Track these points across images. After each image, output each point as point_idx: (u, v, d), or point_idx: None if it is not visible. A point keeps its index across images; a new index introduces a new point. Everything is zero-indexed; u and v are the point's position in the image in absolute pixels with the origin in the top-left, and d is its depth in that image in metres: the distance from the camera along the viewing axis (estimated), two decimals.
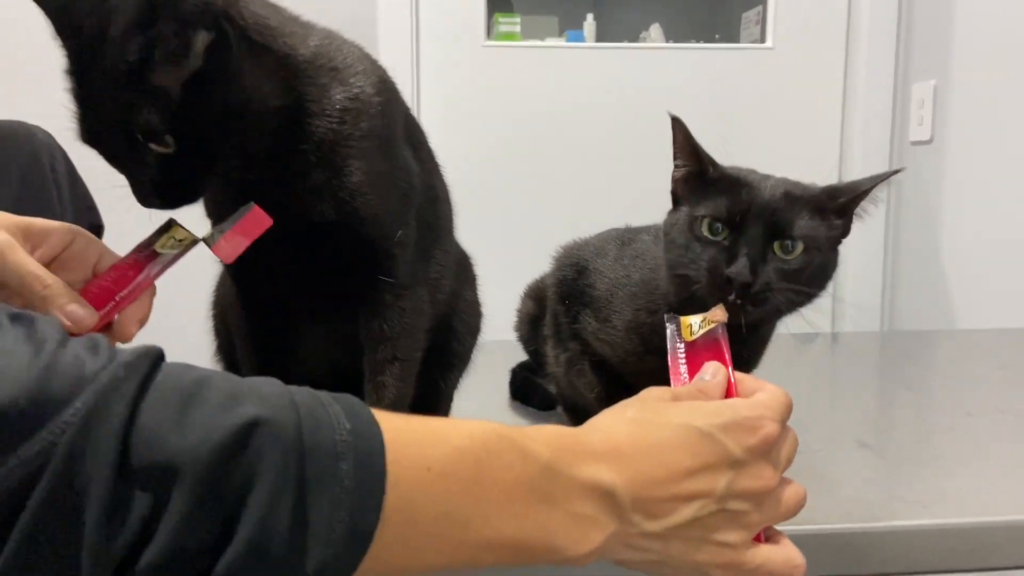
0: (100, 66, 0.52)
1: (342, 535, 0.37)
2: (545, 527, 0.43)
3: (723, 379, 0.56)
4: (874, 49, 2.16)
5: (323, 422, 0.38)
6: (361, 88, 0.64)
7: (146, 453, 0.34)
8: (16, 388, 0.33)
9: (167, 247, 0.61)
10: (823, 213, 0.67)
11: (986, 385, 1.08)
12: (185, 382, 0.37)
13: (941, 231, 2.01)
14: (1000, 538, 0.65)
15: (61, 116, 1.53)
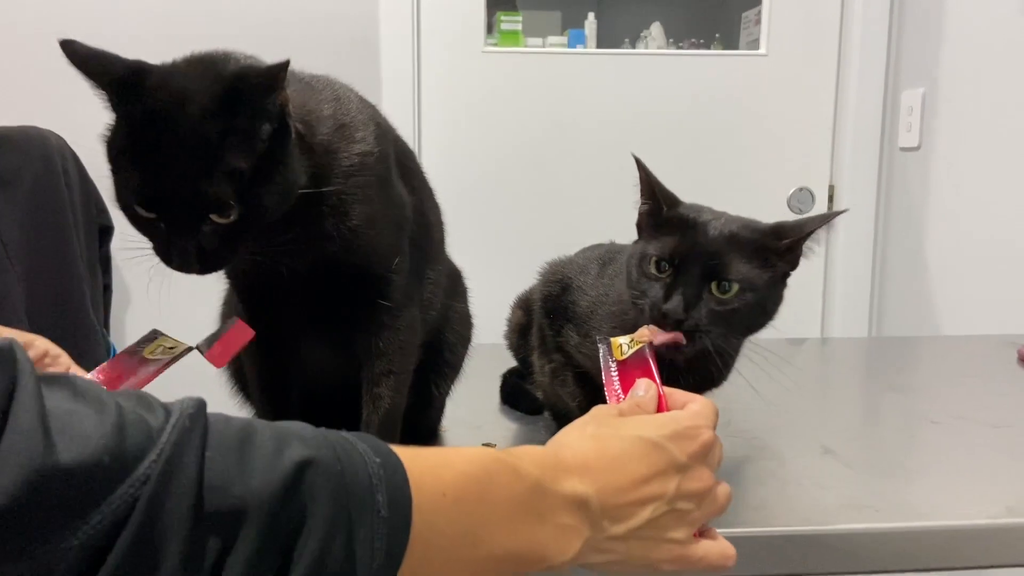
0: (175, 142, 0.57)
1: (380, 558, 0.41)
2: (537, 539, 0.49)
3: (654, 394, 0.63)
4: (865, 57, 2.20)
5: (356, 458, 0.43)
6: (364, 141, 0.70)
7: (216, 499, 0.37)
8: (98, 446, 0.35)
9: (156, 354, 0.66)
10: (765, 253, 0.72)
11: (953, 392, 1.14)
12: (234, 429, 0.41)
13: (927, 237, 2.07)
14: (944, 541, 0.71)
15: (71, 120, 1.60)
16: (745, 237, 0.72)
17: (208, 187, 0.57)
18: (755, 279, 0.71)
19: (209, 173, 0.57)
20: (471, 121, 2.20)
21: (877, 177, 2.26)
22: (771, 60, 2.27)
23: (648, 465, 0.54)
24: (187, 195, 0.58)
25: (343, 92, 0.74)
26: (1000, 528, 0.71)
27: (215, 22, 2.08)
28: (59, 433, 0.34)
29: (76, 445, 0.34)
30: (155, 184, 0.58)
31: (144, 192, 0.58)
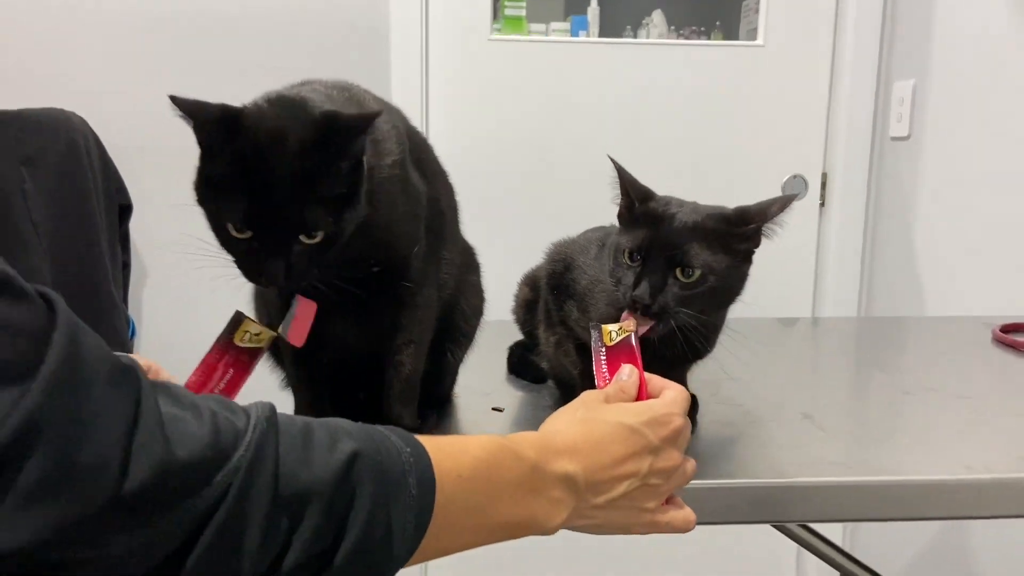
0: (276, 171, 0.65)
1: (411, 530, 0.52)
2: (532, 510, 0.61)
3: (636, 378, 0.74)
4: (859, 49, 2.27)
5: (391, 449, 0.53)
6: (391, 153, 0.78)
7: (288, 486, 0.46)
8: (201, 444, 0.44)
9: (245, 341, 0.74)
10: (727, 239, 0.80)
11: (929, 368, 1.23)
12: (297, 428, 0.50)
13: (915, 222, 2.15)
14: (904, 494, 0.80)
15: (92, 102, 1.68)
16: (707, 226, 0.80)
17: (303, 212, 0.66)
18: (716, 263, 0.79)
19: (304, 200, 0.66)
20: (478, 108, 2.28)
21: (868, 165, 2.33)
22: (768, 51, 2.34)
23: (626, 447, 0.65)
24: (283, 219, 0.66)
25: (367, 103, 0.81)
26: (958, 484, 0.80)
27: (227, 7, 2.14)
28: (172, 433, 0.43)
29: (187, 443, 0.43)
30: (255, 209, 0.66)
31: (245, 216, 0.66)
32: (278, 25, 2.16)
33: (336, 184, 0.67)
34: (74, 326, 0.43)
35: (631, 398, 0.72)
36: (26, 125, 1.66)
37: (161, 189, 2.12)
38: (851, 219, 2.36)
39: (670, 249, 0.79)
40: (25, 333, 0.40)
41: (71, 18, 2.09)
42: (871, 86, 2.29)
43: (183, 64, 2.14)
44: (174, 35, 2.14)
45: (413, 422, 0.86)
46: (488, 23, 2.27)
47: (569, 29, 2.51)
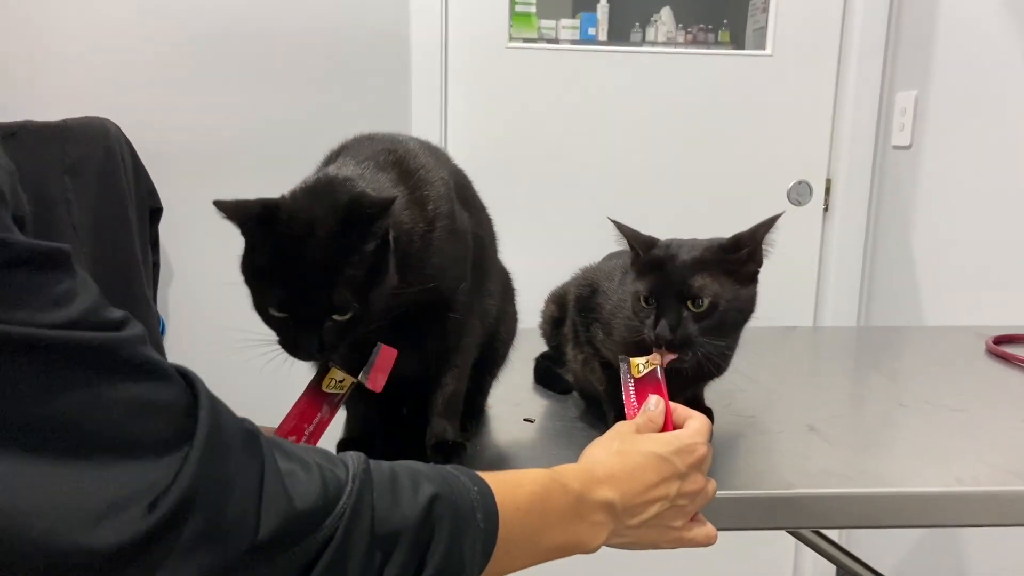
0: (306, 259, 0.72)
1: (479, 558, 0.61)
2: (577, 534, 0.70)
3: (662, 409, 0.83)
4: (864, 60, 2.35)
5: (461, 488, 0.62)
6: (436, 209, 0.84)
7: (382, 527, 0.54)
8: (314, 496, 0.52)
9: (331, 387, 0.83)
10: (727, 265, 0.89)
11: (924, 379, 1.31)
12: (385, 475, 0.58)
13: (914, 231, 2.23)
14: (899, 504, 0.88)
15: (123, 108, 1.77)
16: (707, 258, 0.89)
17: (332, 296, 0.73)
18: (722, 290, 0.88)
19: (332, 283, 0.73)
20: (495, 114, 2.35)
21: (871, 173, 2.41)
22: (776, 60, 2.41)
23: (658, 474, 0.75)
24: (315, 301, 0.74)
25: (409, 160, 0.87)
26: (951, 495, 0.89)
27: (245, 18, 2.21)
28: (291, 488, 0.51)
29: (303, 496, 0.52)
30: (290, 294, 0.74)
31: (281, 301, 0.74)
32: (302, 35, 2.23)
33: (361, 265, 0.74)
34: (213, 400, 0.51)
35: (658, 427, 0.82)
36: (69, 135, 1.74)
37: (188, 192, 2.21)
38: (853, 225, 2.44)
39: (677, 286, 0.87)
40: (175, 410, 0.48)
41: (106, 31, 2.16)
42: (875, 96, 2.37)
43: (210, 73, 2.22)
44: (202, 45, 2.21)
45: (456, 435, 0.95)
46: (506, 31, 2.34)
47: (579, 26, 2.55)
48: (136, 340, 0.48)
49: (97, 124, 1.86)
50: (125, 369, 0.46)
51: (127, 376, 0.46)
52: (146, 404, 0.47)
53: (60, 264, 0.46)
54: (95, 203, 1.78)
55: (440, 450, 0.93)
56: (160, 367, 0.49)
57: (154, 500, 0.44)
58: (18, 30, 2.14)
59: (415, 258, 0.83)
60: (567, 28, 2.55)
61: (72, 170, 1.72)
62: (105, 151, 1.84)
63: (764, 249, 0.91)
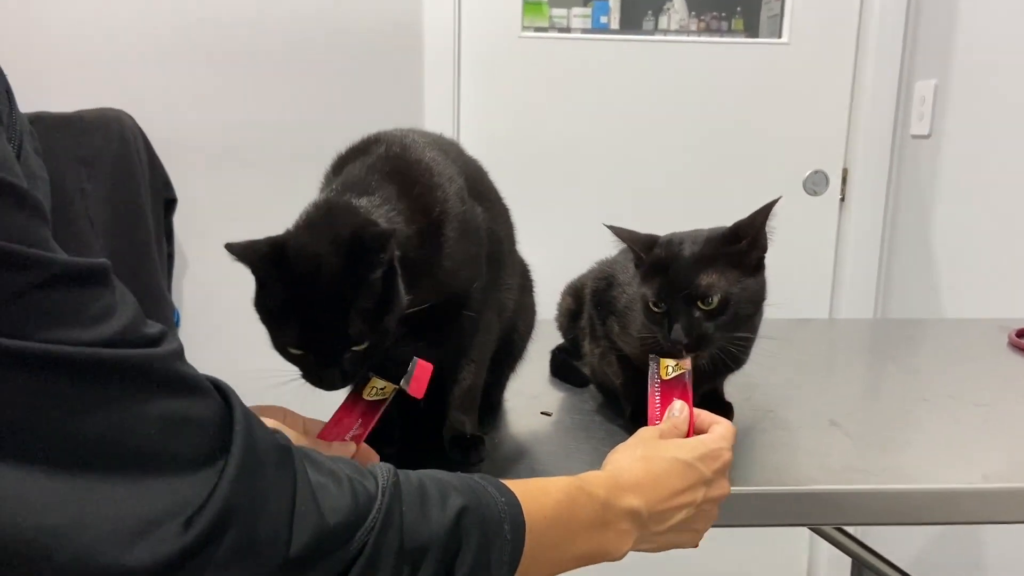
0: (317, 296, 0.72)
1: (506, 569, 0.60)
2: (602, 542, 0.69)
3: (687, 414, 0.83)
4: (882, 48, 2.32)
5: (489, 500, 0.61)
6: (446, 212, 0.83)
7: (410, 539, 0.54)
8: (346, 510, 0.52)
9: (372, 395, 0.83)
10: (730, 256, 0.87)
11: (946, 373, 1.30)
12: (414, 487, 0.58)
13: (933, 221, 2.20)
14: (923, 501, 0.87)
15: (138, 100, 1.77)
16: (710, 253, 0.87)
17: (347, 329, 0.73)
18: (729, 283, 0.86)
19: (346, 317, 0.73)
20: (508, 104, 2.34)
21: (889, 162, 2.38)
22: (793, 48, 2.39)
23: (683, 480, 0.74)
24: (331, 336, 0.74)
25: (413, 167, 0.85)
26: (975, 492, 0.87)
27: (256, 8, 2.20)
28: (323, 503, 0.51)
29: (334, 511, 0.51)
30: (306, 331, 0.73)
31: (298, 339, 0.74)
32: (314, 26, 2.22)
33: (371, 296, 0.74)
34: (248, 415, 0.50)
35: (682, 433, 0.81)
36: (84, 127, 1.75)
37: (202, 184, 2.21)
38: (871, 215, 2.41)
39: (684, 287, 0.86)
40: (211, 426, 0.48)
41: (120, 22, 2.16)
42: (893, 84, 2.34)
43: (225, 65, 2.21)
44: (216, 37, 2.20)
45: (474, 428, 0.94)
46: (519, 20, 2.32)
47: (590, 15, 2.53)
48: (173, 355, 0.48)
49: (112, 115, 1.86)
50: (162, 385, 0.46)
51: (164, 392, 0.46)
52: (182, 420, 0.46)
53: (99, 280, 0.46)
54: (110, 194, 1.79)
55: (458, 444, 0.92)
56: (197, 382, 0.49)
57: (190, 517, 0.44)
58: (33, 22, 2.14)
59: (425, 266, 0.82)
60: (579, 16, 2.52)
61: (87, 161, 1.72)
62: (120, 142, 1.84)
63: (767, 235, 0.90)
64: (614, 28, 2.52)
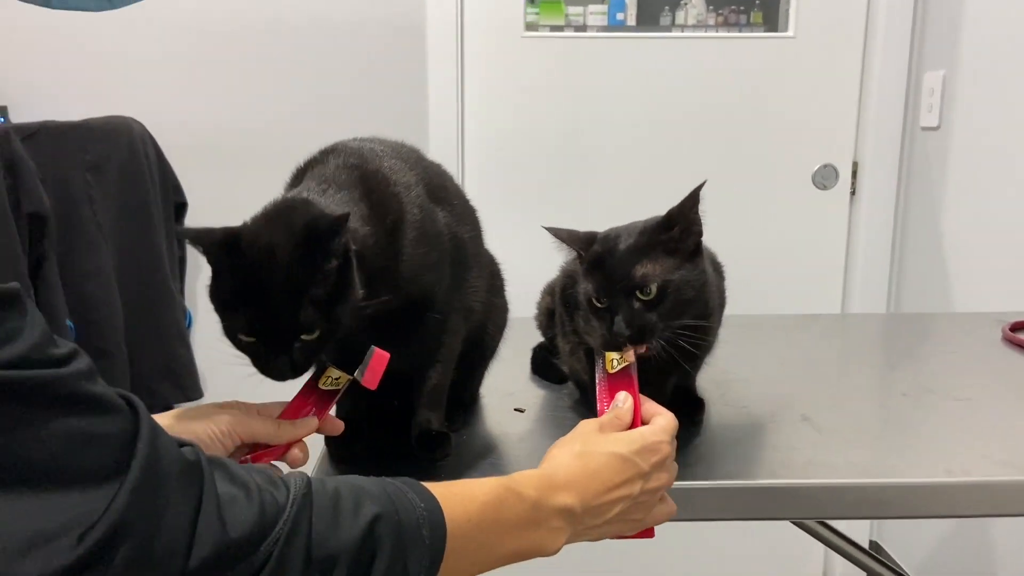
0: (270, 283, 0.74)
1: (425, 569, 0.62)
2: (534, 541, 0.71)
3: (631, 405, 0.84)
4: (890, 39, 2.30)
5: (407, 505, 0.63)
6: (404, 217, 0.85)
7: (319, 550, 0.56)
8: (250, 523, 0.53)
9: (327, 384, 0.86)
10: (664, 244, 0.88)
11: (932, 367, 1.29)
12: (327, 496, 0.59)
13: (943, 213, 2.18)
14: (887, 495, 0.87)
15: (148, 106, 1.82)
16: (644, 243, 0.88)
17: (297, 317, 0.75)
18: (665, 271, 0.87)
19: (297, 305, 0.74)
20: (511, 103, 2.36)
21: (899, 155, 2.36)
22: (798, 41, 2.37)
23: (620, 475, 0.75)
24: (282, 324, 0.75)
25: (371, 174, 0.87)
26: (934, 486, 0.87)
27: (262, 11, 2.25)
28: (227, 516, 0.53)
29: (239, 524, 0.53)
30: (257, 318, 0.75)
31: (249, 325, 0.76)
32: (319, 28, 2.26)
33: (324, 284, 0.75)
34: (153, 431, 0.52)
35: (626, 424, 0.82)
36: (91, 134, 1.80)
37: (214, 186, 2.26)
38: (882, 208, 2.39)
39: (621, 280, 0.87)
40: (115, 442, 0.50)
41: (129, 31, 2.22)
42: (902, 76, 2.31)
43: (230, 68, 2.26)
44: (222, 42, 2.25)
45: (440, 425, 0.96)
46: (521, 20, 2.34)
47: (606, 12, 2.52)
48: (79, 375, 0.49)
49: (119, 123, 1.91)
50: (66, 404, 0.48)
51: (67, 411, 0.48)
52: (85, 437, 0.48)
53: (6, 305, 0.48)
54: (118, 199, 1.84)
55: (424, 440, 0.94)
56: (102, 400, 0.50)
57: (84, 532, 0.46)
58: (41, 33, 2.21)
59: (383, 269, 0.84)
60: (595, 14, 2.51)
61: (94, 168, 1.77)
62: (128, 149, 1.89)
63: (700, 219, 0.90)
64: (631, 25, 2.51)
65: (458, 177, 2.34)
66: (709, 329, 0.97)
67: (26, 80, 2.20)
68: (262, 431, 0.82)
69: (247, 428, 0.81)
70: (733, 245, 0.98)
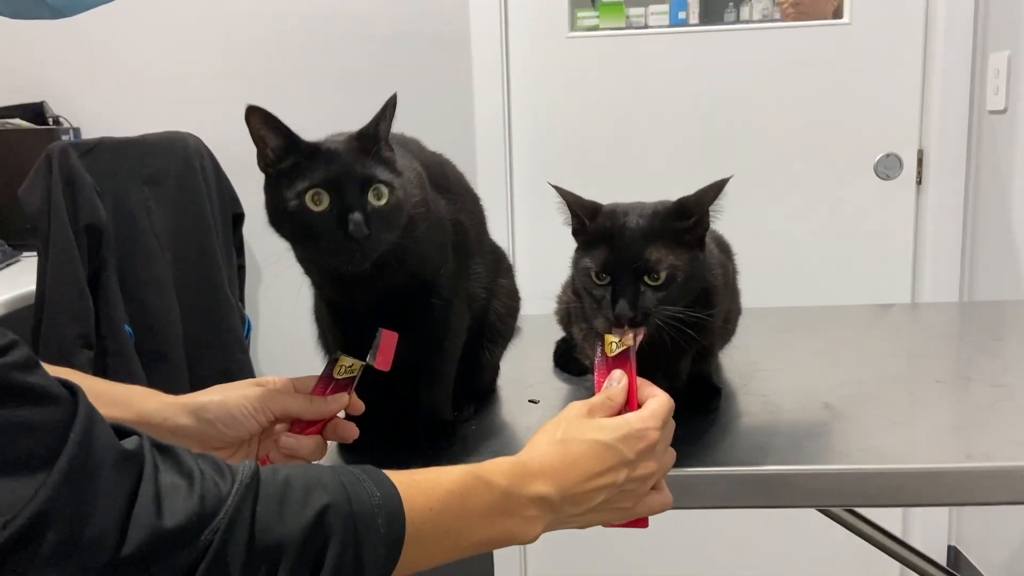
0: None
1: (382, 562, 0.62)
2: (506, 529, 0.70)
3: (626, 384, 0.81)
4: (952, 21, 2.20)
5: (363, 494, 0.62)
6: (414, 195, 0.88)
7: (263, 540, 0.55)
8: (187, 512, 0.53)
9: (341, 373, 0.88)
10: (676, 232, 0.86)
11: (978, 355, 1.22)
12: (278, 484, 0.59)
13: (1013, 199, 2.07)
14: (902, 481, 0.84)
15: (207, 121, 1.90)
16: (657, 227, 0.86)
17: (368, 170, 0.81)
18: (676, 259, 0.85)
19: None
20: (557, 105, 2.36)
21: (967, 140, 2.25)
22: (855, 28, 2.29)
23: (601, 462, 0.73)
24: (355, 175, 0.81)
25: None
26: (950, 471, 0.83)
27: (312, 21, 2.32)
28: (165, 505, 0.54)
29: (176, 513, 0.53)
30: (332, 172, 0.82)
31: (319, 180, 0.81)
32: (366, 36, 2.32)
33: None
34: (89, 420, 0.53)
35: (618, 405, 0.79)
36: (148, 149, 1.88)
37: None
38: (950, 197, 2.29)
39: (633, 261, 0.85)
40: (49, 432, 0.51)
41: (185, 50, 2.32)
42: (967, 58, 2.21)
43: (282, 82, 2.34)
44: (272, 58, 2.33)
45: (447, 414, 0.97)
46: (566, 22, 2.34)
47: (668, 12, 2.48)
48: (14, 366, 0.51)
49: (175, 137, 2.00)
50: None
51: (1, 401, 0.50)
52: (17, 427, 0.50)
53: None
54: (175, 211, 1.91)
55: (429, 429, 0.96)
56: (37, 390, 0.52)
57: (9, 519, 0.47)
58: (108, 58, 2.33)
59: (394, 251, 0.85)
60: (656, 14, 2.48)
61: (151, 180, 1.85)
62: (184, 162, 1.97)
63: (713, 213, 0.88)
64: (693, 23, 2.46)
65: (506, 182, 2.36)
66: (713, 313, 0.95)
67: (96, 102, 2.33)
68: (294, 406, 0.84)
69: (279, 403, 0.84)
70: (796, 237, 0.95)
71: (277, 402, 0.84)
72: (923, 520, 2.36)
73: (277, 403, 0.84)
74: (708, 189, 0.87)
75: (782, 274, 2.32)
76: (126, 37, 2.32)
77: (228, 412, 0.82)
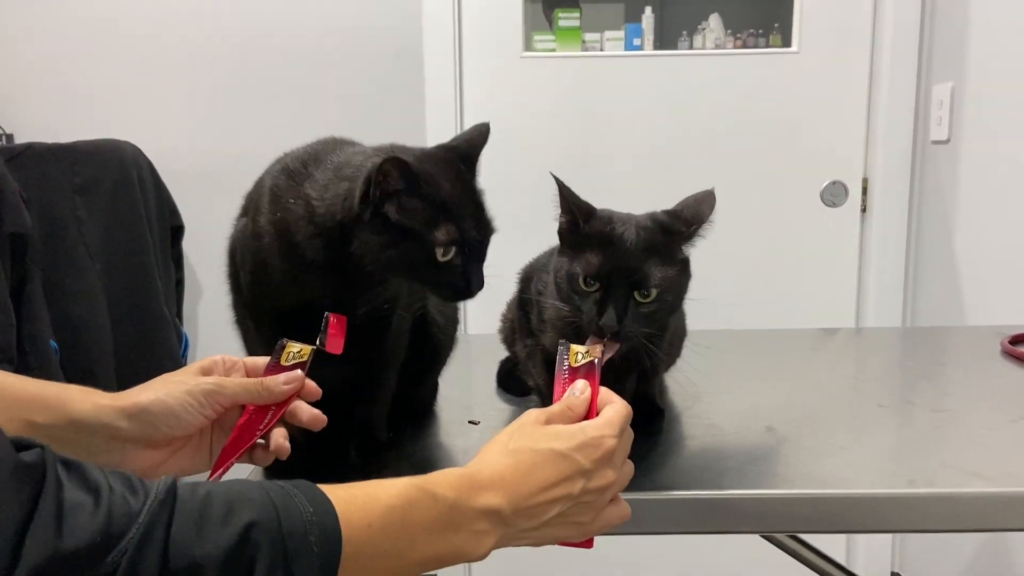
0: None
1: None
2: (454, 545, 0.64)
3: (589, 395, 0.76)
4: (897, 52, 2.25)
5: (293, 510, 0.57)
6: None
7: (179, 560, 0.51)
8: (92, 531, 0.49)
9: (289, 360, 0.82)
10: (672, 246, 0.84)
11: (921, 380, 1.22)
12: (197, 501, 0.54)
13: (955, 228, 2.10)
14: (845, 507, 0.82)
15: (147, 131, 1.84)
16: (656, 240, 0.83)
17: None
18: (669, 279, 0.82)
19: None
20: (510, 124, 2.34)
21: (910, 170, 2.29)
22: (803, 56, 2.33)
23: (556, 472, 0.68)
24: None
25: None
26: (893, 497, 0.82)
27: (262, 36, 2.27)
28: (66, 525, 0.49)
29: (77, 533, 0.49)
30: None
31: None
32: (317, 50, 2.28)
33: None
34: None
35: (579, 415, 0.74)
36: (80, 156, 1.81)
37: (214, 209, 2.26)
38: (894, 225, 2.32)
39: (631, 273, 0.81)
40: None
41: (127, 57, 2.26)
42: (911, 89, 2.26)
43: (229, 91, 2.28)
44: (221, 66, 2.28)
45: (382, 434, 0.93)
46: (520, 42, 2.33)
47: (623, 38, 2.49)
48: None
49: (110, 145, 1.93)
50: None
51: None
52: None
53: None
54: (108, 221, 1.85)
55: (362, 450, 0.91)
56: None
57: None
58: (45, 63, 2.26)
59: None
60: (611, 40, 2.49)
61: (82, 189, 1.78)
62: (119, 170, 1.91)
63: (703, 230, 0.86)
64: (648, 51, 2.48)
65: None
66: (664, 334, 0.93)
67: (30, 109, 2.25)
68: (244, 395, 0.78)
69: (228, 396, 0.78)
70: (743, 262, 0.94)
71: (225, 395, 0.77)
72: (866, 546, 2.37)
73: (225, 396, 0.77)
74: (701, 201, 0.84)
75: (729, 297, 2.32)
76: (67, 44, 2.25)
77: (171, 411, 0.75)
